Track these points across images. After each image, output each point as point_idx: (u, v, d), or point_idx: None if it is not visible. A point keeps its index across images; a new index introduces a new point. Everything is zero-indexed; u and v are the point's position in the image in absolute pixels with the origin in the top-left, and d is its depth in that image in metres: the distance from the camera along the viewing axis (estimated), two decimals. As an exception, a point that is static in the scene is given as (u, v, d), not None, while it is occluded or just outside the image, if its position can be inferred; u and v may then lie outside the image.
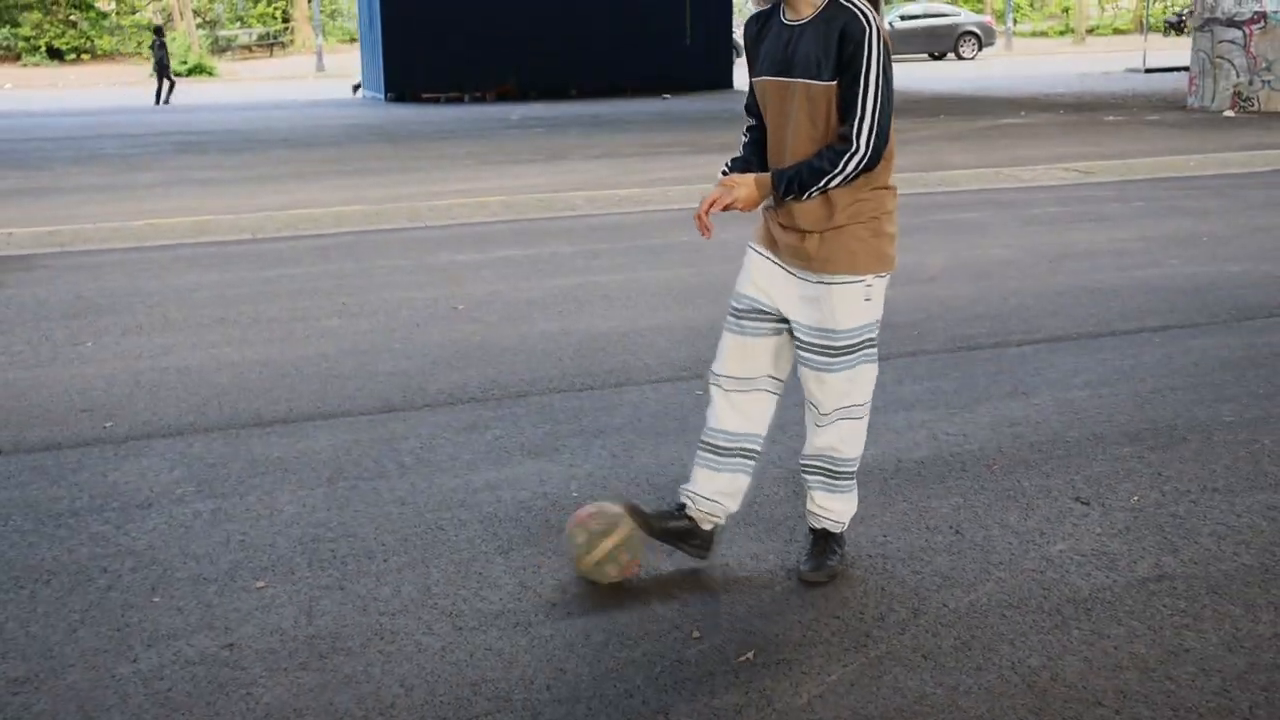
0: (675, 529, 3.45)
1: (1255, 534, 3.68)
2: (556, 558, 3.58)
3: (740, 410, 3.38)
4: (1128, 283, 7.04)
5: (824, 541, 3.49)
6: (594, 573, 3.36)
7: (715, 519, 3.47)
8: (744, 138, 3.43)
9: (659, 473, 4.25)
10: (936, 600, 3.30)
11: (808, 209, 3.19)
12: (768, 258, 3.32)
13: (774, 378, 3.40)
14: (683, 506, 3.47)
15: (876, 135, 3.09)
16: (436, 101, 25.11)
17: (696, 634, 3.15)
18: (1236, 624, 3.14)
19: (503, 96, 25.50)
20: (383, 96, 25.86)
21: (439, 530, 3.83)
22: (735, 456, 3.40)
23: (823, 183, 3.12)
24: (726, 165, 3.39)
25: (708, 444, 3.43)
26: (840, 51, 3.06)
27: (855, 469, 3.44)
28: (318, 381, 5.45)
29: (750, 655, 3.03)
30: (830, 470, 3.40)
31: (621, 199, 10.68)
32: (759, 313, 3.31)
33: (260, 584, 3.48)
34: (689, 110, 21.20)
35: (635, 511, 3.42)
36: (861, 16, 3.06)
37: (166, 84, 26.60)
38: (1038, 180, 11.32)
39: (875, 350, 3.32)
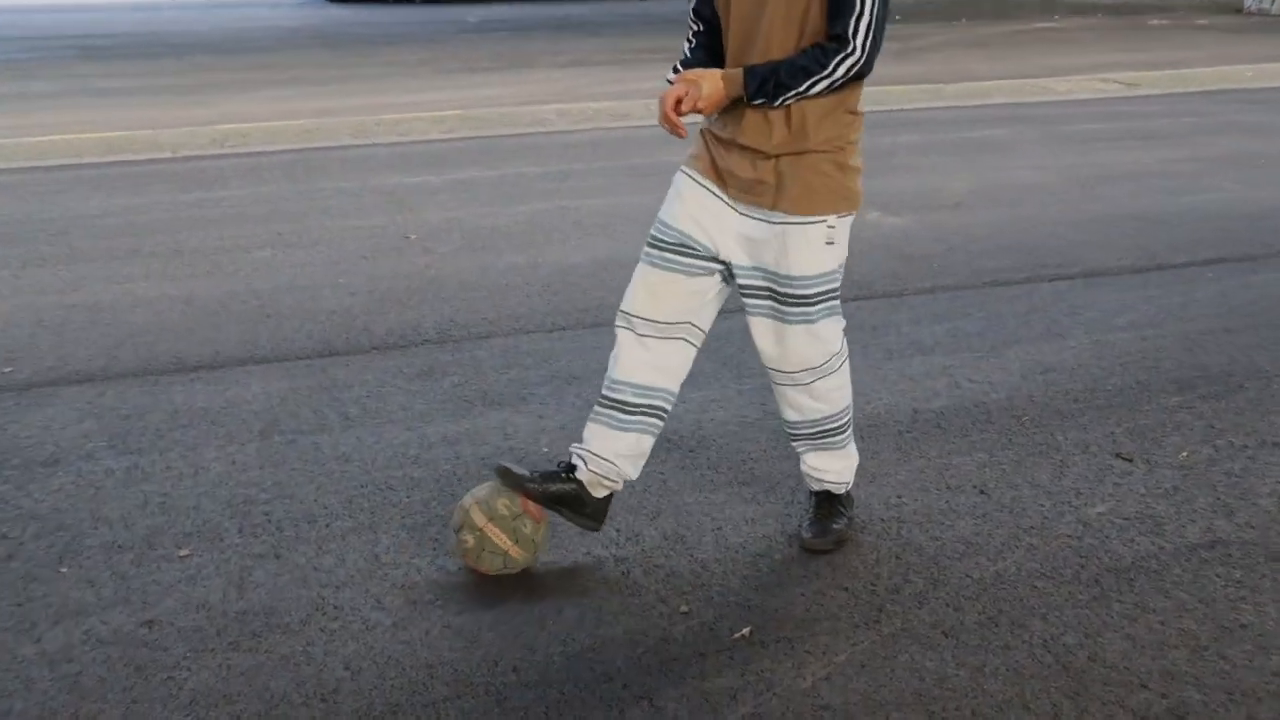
0: (561, 493, 3.30)
1: (1320, 494, 3.70)
2: (524, 522, 3.57)
3: (655, 360, 3.23)
4: (1176, 209, 7.03)
5: (827, 504, 3.48)
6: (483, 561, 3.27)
7: (610, 484, 3.33)
8: (689, 43, 3.24)
9: (641, 425, 4.23)
10: (958, 570, 3.31)
11: (768, 128, 3.04)
12: (708, 189, 3.17)
13: (696, 327, 3.25)
14: (572, 468, 3.34)
15: (873, 36, 2.99)
16: (383, 1, 24.83)
17: (685, 608, 3.14)
18: (1299, 596, 3.16)
19: (459, -5, 25.26)
20: (321, -5, 25.59)
21: (389, 491, 3.81)
22: (643, 415, 3.26)
23: (805, 85, 2.98)
24: (675, 69, 3.20)
25: (612, 399, 3.27)
26: None
27: (846, 420, 3.38)
28: (249, 321, 5.41)
29: (746, 632, 3.03)
30: (815, 432, 3.36)
31: (596, 112, 10.61)
32: (687, 248, 3.17)
33: (183, 552, 3.46)
34: (667, 12, 21.04)
35: (507, 473, 3.27)
36: None
37: None
38: (1073, 93, 11.29)
39: (838, 302, 3.21)
